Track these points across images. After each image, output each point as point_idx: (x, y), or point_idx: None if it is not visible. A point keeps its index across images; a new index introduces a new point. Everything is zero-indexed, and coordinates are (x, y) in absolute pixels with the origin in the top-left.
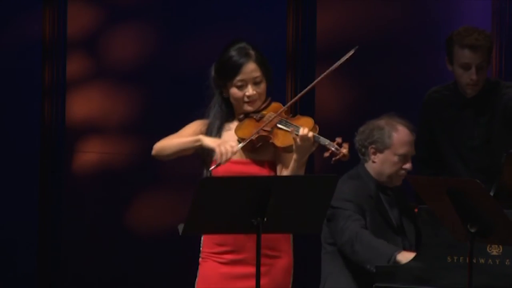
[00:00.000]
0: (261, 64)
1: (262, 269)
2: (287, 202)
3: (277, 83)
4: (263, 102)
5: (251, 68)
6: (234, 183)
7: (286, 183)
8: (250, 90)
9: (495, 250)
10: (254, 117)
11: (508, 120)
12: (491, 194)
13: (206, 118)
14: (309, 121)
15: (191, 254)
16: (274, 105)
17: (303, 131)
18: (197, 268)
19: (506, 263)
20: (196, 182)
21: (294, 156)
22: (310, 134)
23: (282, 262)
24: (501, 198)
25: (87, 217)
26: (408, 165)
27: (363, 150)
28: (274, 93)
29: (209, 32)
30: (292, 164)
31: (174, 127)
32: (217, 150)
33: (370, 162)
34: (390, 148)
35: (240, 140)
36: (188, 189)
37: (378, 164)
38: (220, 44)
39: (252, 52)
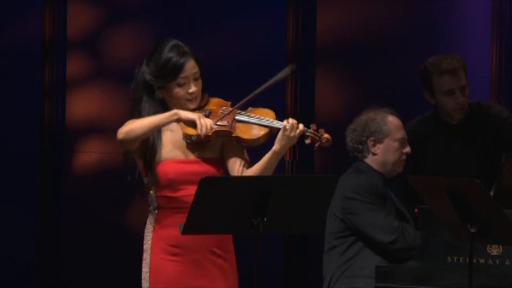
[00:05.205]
0: (197, 59)
1: (216, 271)
2: (287, 202)
3: (277, 83)
4: (202, 99)
5: (191, 65)
6: (234, 183)
7: (286, 183)
8: (192, 87)
9: (495, 250)
10: (203, 113)
11: (505, 133)
12: (491, 194)
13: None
14: (270, 112)
15: None
16: (214, 100)
17: (288, 121)
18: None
19: (506, 263)
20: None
21: (274, 147)
22: (301, 126)
23: (231, 263)
24: (501, 198)
25: (87, 217)
26: (408, 149)
27: (360, 147)
28: (274, 93)
29: (209, 32)
30: (269, 155)
31: None
32: (198, 122)
33: (370, 156)
34: (389, 135)
35: (191, 137)
36: None
37: (381, 154)
38: (220, 44)
39: (187, 49)
